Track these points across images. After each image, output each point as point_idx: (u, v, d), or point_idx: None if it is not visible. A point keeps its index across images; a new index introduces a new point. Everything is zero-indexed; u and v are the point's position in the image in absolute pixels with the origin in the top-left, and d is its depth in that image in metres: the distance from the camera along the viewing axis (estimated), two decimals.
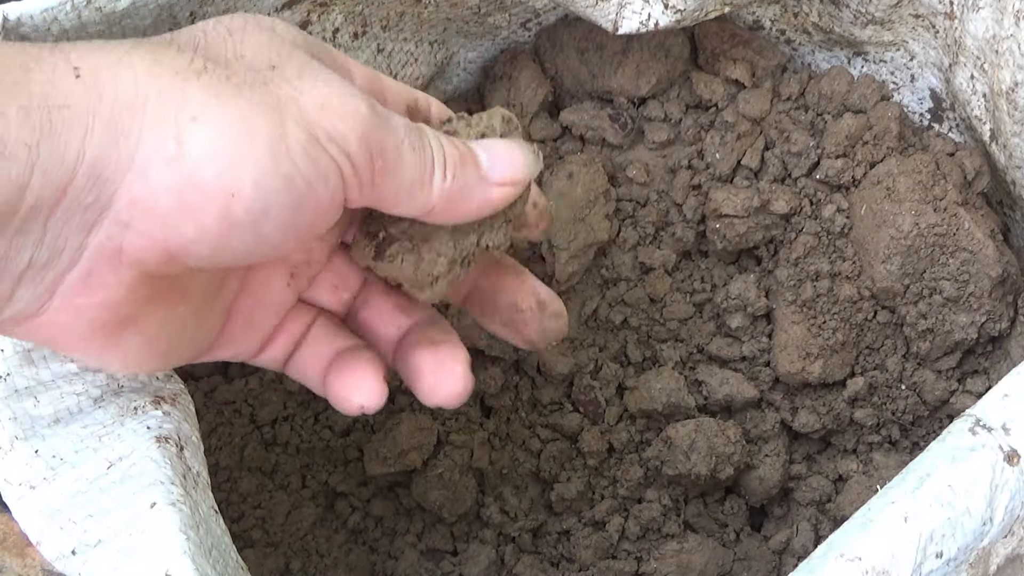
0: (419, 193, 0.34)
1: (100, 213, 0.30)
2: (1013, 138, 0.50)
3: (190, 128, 0.30)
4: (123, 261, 0.31)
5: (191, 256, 0.31)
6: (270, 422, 0.55)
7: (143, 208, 0.30)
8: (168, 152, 0.29)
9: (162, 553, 0.35)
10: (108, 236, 0.30)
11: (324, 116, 0.32)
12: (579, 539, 0.56)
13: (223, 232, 0.31)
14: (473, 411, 0.57)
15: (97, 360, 0.34)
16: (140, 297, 0.32)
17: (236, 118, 0.30)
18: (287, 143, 0.31)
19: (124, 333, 0.33)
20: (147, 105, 0.30)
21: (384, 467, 0.54)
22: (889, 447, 0.57)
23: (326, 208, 0.32)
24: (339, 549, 0.55)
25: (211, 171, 0.30)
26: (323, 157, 0.32)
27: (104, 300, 0.32)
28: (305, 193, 0.31)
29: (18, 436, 0.37)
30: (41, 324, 0.32)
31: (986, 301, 0.53)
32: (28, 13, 0.37)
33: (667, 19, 0.51)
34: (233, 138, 0.30)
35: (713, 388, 0.57)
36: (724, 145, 0.57)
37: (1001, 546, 0.38)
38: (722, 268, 0.59)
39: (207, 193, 0.30)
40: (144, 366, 0.35)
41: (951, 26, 0.52)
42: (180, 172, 0.30)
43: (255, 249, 0.32)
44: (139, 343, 0.34)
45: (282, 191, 0.31)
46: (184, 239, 0.31)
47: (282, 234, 0.32)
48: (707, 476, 0.54)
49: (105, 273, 0.31)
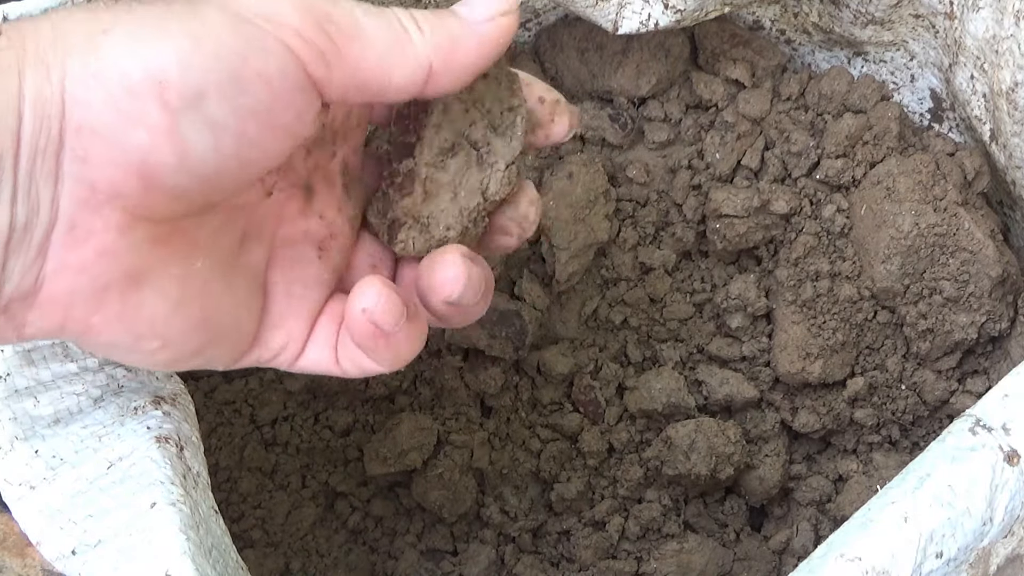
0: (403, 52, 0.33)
1: (57, 155, 0.30)
2: (1013, 138, 0.50)
3: (104, 39, 0.30)
4: (102, 200, 0.31)
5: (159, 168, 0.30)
6: (270, 422, 0.55)
7: (89, 132, 0.30)
8: (90, 67, 0.30)
9: (162, 553, 0.35)
10: (74, 179, 0.30)
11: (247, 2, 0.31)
12: (579, 539, 0.56)
13: (171, 126, 0.30)
14: (473, 411, 0.57)
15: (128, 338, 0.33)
16: (140, 243, 0.32)
17: (148, 19, 0.31)
18: (207, 26, 0.31)
19: (140, 293, 0.32)
20: (66, 39, 0.30)
21: (384, 467, 0.54)
22: (889, 447, 0.57)
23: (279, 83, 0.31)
24: (339, 549, 0.55)
25: (134, 68, 0.30)
26: (254, 31, 0.31)
27: (98, 249, 0.31)
28: (240, 67, 0.31)
29: (18, 436, 0.37)
30: (46, 300, 0.31)
31: (986, 301, 0.53)
32: (28, 12, 0.37)
33: (667, 19, 0.51)
34: (148, 34, 0.30)
35: (713, 388, 0.57)
36: (724, 145, 0.57)
37: (1001, 546, 0.38)
38: (722, 268, 0.59)
39: (138, 91, 0.30)
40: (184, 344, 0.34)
41: (951, 26, 0.52)
42: (106, 80, 0.30)
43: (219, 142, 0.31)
44: (165, 308, 0.33)
45: (212, 68, 0.30)
46: (140, 148, 0.30)
47: (237, 117, 0.31)
48: (707, 476, 0.54)
49: (88, 219, 0.31)
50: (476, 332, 0.55)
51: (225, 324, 0.35)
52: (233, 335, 0.35)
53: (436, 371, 0.56)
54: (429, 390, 0.56)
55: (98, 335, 0.32)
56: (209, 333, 0.34)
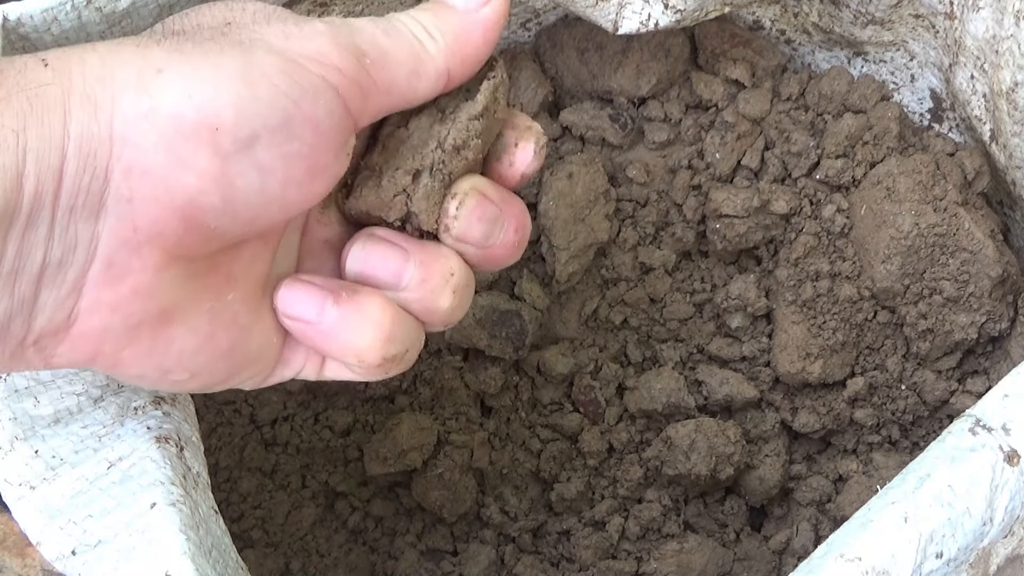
0: (425, 68, 0.34)
1: (101, 194, 0.30)
2: (1013, 138, 0.50)
3: (158, 79, 0.30)
4: (141, 240, 0.30)
5: (203, 211, 0.31)
6: (270, 422, 0.55)
7: (138, 173, 0.30)
8: (143, 108, 0.30)
9: (162, 553, 0.35)
10: (117, 218, 0.30)
11: (291, 43, 0.32)
12: (579, 539, 0.56)
13: (221, 170, 0.30)
14: (473, 411, 0.57)
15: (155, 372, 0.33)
16: (174, 281, 0.32)
17: (201, 61, 0.30)
18: (260, 68, 0.31)
19: (171, 329, 0.32)
20: (114, 75, 0.30)
21: (384, 467, 0.54)
22: (889, 447, 0.57)
23: (327, 126, 0.32)
24: (339, 549, 0.55)
25: (188, 111, 0.30)
26: (304, 74, 0.31)
27: (133, 288, 0.31)
28: (292, 112, 0.31)
29: (18, 436, 0.37)
30: (78, 336, 0.31)
31: (986, 301, 0.53)
32: (28, 13, 0.37)
33: (667, 19, 0.51)
34: (203, 76, 0.30)
35: (713, 388, 0.57)
36: (724, 145, 0.57)
37: (1001, 546, 0.38)
38: (722, 268, 0.59)
39: (191, 134, 0.30)
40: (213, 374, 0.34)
41: (951, 26, 0.52)
42: (159, 122, 0.30)
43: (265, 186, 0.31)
44: (194, 343, 0.33)
45: (265, 113, 0.30)
46: (187, 191, 0.30)
47: (284, 162, 0.31)
48: (707, 476, 0.54)
49: (126, 259, 0.31)
50: (476, 332, 0.55)
51: (252, 352, 0.35)
52: (260, 361, 0.35)
53: (436, 371, 0.56)
54: (429, 390, 0.56)
55: (127, 368, 0.33)
56: (237, 362, 0.34)
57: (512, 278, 0.57)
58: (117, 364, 0.32)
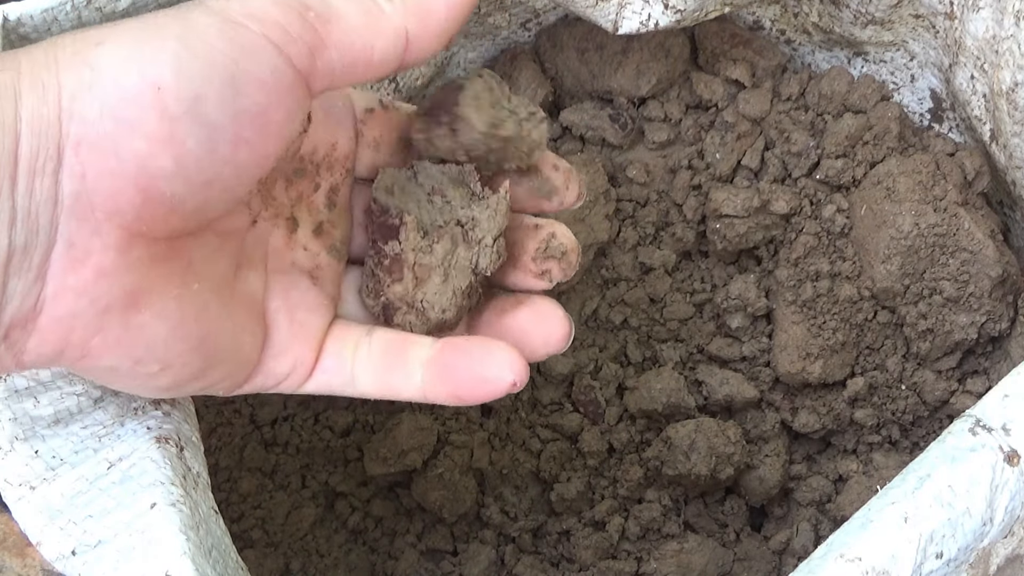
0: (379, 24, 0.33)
1: (56, 174, 0.30)
2: (1013, 138, 0.50)
3: (98, 51, 0.30)
4: (100, 218, 0.31)
5: (157, 177, 0.31)
6: (270, 422, 0.55)
7: (88, 145, 0.30)
8: (86, 79, 0.30)
9: (162, 553, 0.35)
10: (73, 197, 0.30)
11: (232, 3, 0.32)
12: (579, 539, 0.56)
13: (169, 132, 0.30)
14: (473, 411, 0.57)
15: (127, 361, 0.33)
16: (138, 263, 0.32)
17: (139, 31, 0.31)
18: (197, 30, 0.31)
19: (140, 315, 0.32)
20: (58, 57, 0.30)
21: (384, 467, 0.54)
22: (889, 447, 0.57)
23: (272, 84, 0.32)
24: (339, 549, 0.55)
25: (129, 76, 0.30)
26: (243, 32, 0.31)
27: (97, 269, 0.31)
28: (234, 70, 0.31)
29: (18, 436, 0.37)
30: (46, 324, 0.31)
31: (986, 301, 0.53)
32: (28, 13, 0.37)
33: (667, 19, 0.51)
34: (141, 45, 0.30)
35: (713, 388, 0.57)
36: (724, 145, 0.57)
37: (1001, 546, 0.38)
38: (722, 268, 0.59)
39: (134, 98, 0.30)
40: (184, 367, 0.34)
41: (951, 26, 0.52)
42: (103, 91, 0.30)
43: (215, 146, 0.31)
44: (164, 330, 0.33)
45: (206, 72, 0.31)
46: (138, 156, 0.30)
47: (233, 120, 0.31)
48: (707, 476, 0.54)
49: (88, 239, 0.31)
50: None
51: (224, 347, 0.35)
52: (234, 359, 0.35)
53: None
54: None
55: (98, 359, 0.32)
56: (208, 356, 0.34)
57: None
58: (87, 355, 0.32)
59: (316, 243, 0.39)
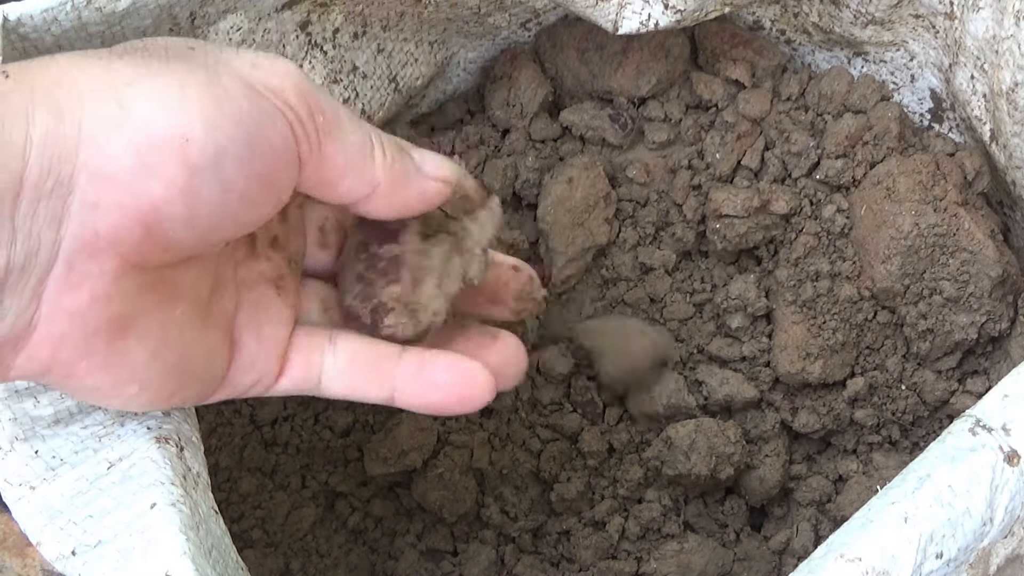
0: (363, 165, 0.35)
1: (65, 200, 0.30)
2: (1013, 138, 0.50)
3: (127, 92, 0.31)
4: (102, 246, 0.31)
5: (166, 220, 0.31)
6: (270, 422, 0.55)
7: (105, 178, 0.30)
8: (113, 115, 0.30)
9: (162, 554, 0.35)
10: (80, 223, 0.30)
11: (257, 73, 0.33)
12: (579, 539, 0.56)
13: (187, 182, 0.31)
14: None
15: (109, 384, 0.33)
16: (130, 290, 0.32)
17: (169, 78, 0.31)
18: (226, 89, 0.32)
19: (125, 340, 0.33)
20: (79, 83, 0.31)
21: (384, 467, 0.54)
22: (889, 447, 0.57)
23: (281, 153, 0.33)
24: (339, 549, 0.55)
25: (159, 122, 0.31)
26: (264, 102, 0.33)
27: (92, 294, 0.31)
28: (255, 132, 0.32)
29: (18, 437, 0.37)
30: (37, 344, 0.31)
31: (986, 301, 0.53)
32: (28, 13, 0.37)
33: (667, 19, 0.51)
34: (172, 91, 0.31)
35: (713, 388, 0.57)
36: (724, 145, 0.57)
37: (1001, 546, 0.38)
38: (722, 268, 0.59)
39: (161, 144, 0.30)
40: (163, 390, 0.35)
41: (951, 26, 0.52)
42: (130, 130, 0.30)
43: (225, 201, 0.32)
44: (145, 355, 0.33)
45: (231, 130, 0.32)
46: (153, 200, 0.31)
47: (245, 179, 0.32)
48: (707, 476, 0.54)
49: (86, 264, 0.31)
50: None
51: (198, 369, 0.36)
52: (205, 379, 0.36)
53: None
54: None
55: (81, 380, 0.33)
56: (183, 378, 0.35)
57: None
58: (72, 375, 0.33)
59: (275, 254, 0.39)
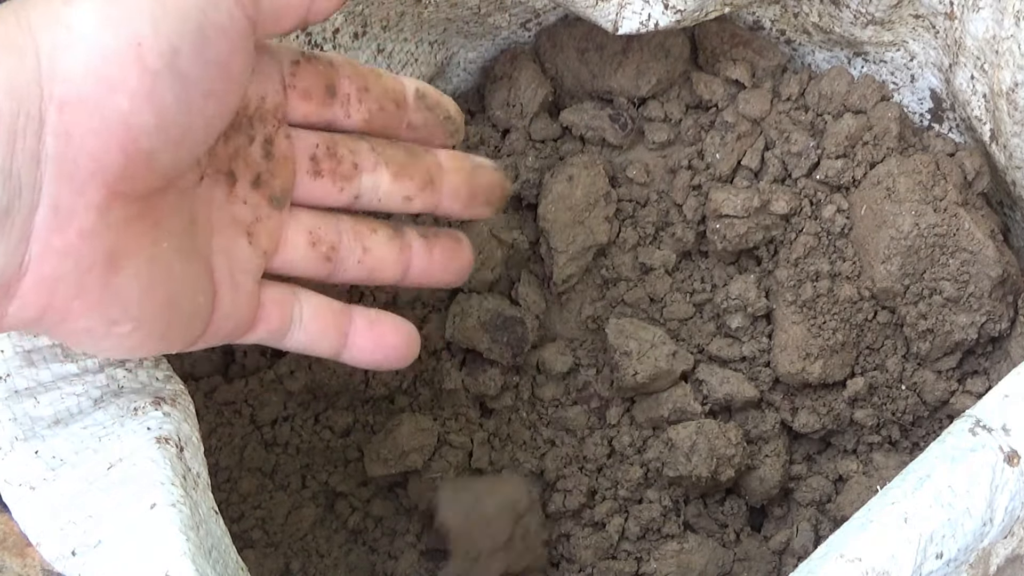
0: None
1: (39, 135, 0.30)
2: (1013, 138, 0.50)
3: (71, 11, 0.31)
4: (84, 178, 0.31)
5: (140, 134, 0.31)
6: (270, 422, 0.55)
7: (73, 105, 0.30)
8: (63, 40, 0.30)
9: (162, 554, 0.35)
10: (58, 156, 0.31)
11: None
12: (579, 540, 0.56)
13: (151, 86, 0.31)
14: (472, 411, 0.57)
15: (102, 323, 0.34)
16: (117, 222, 0.32)
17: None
18: None
19: (117, 276, 0.33)
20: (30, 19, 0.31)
21: (385, 468, 0.54)
22: (889, 447, 0.57)
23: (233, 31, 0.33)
24: (339, 549, 0.55)
25: (108, 34, 0.31)
26: None
27: (80, 230, 0.31)
28: (203, 20, 0.32)
29: (18, 437, 0.37)
30: (30, 287, 0.31)
31: (986, 301, 0.53)
32: None
33: (667, 19, 0.51)
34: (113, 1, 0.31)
35: (713, 388, 0.57)
36: (724, 145, 0.57)
37: (1001, 547, 0.38)
38: (722, 268, 0.59)
39: (116, 55, 0.31)
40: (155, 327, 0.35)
41: (951, 26, 0.52)
42: (84, 51, 0.30)
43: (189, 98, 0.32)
44: (137, 291, 0.34)
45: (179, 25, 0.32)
46: (121, 113, 0.31)
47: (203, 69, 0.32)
48: (708, 478, 0.54)
49: (71, 199, 0.31)
50: (478, 334, 0.55)
51: (186, 307, 0.36)
52: (192, 318, 0.37)
53: (435, 372, 0.56)
54: (429, 390, 0.56)
55: (75, 322, 0.33)
56: (173, 316, 0.36)
57: (512, 278, 0.57)
58: (65, 318, 0.33)
59: (255, 195, 0.40)
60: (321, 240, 0.42)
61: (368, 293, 0.55)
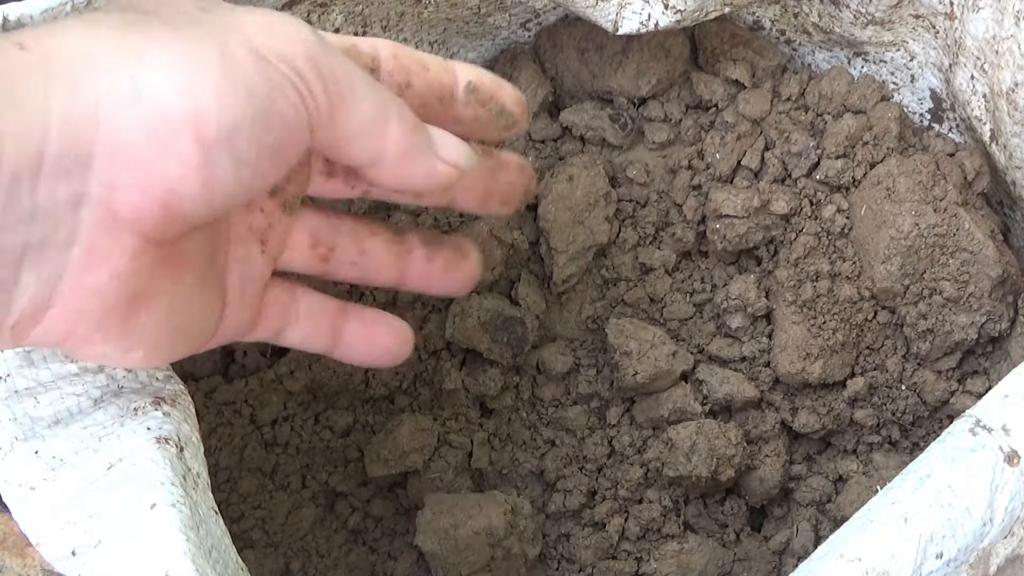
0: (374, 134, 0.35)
1: (84, 179, 0.30)
2: (1013, 138, 0.50)
3: (140, 68, 0.30)
4: (121, 226, 0.31)
5: (183, 199, 0.31)
6: (270, 422, 0.55)
7: (122, 158, 0.30)
8: (126, 93, 0.30)
9: (162, 554, 0.35)
10: (99, 202, 0.31)
11: (268, 39, 0.32)
12: (579, 540, 0.56)
13: (203, 158, 0.31)
14: (472, 411, 0.57)
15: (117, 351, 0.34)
16: (146, 266, 0.32)
17: (181, 51, 0.31)
18: (237, 61, 0.31)
19: (138, 313, 0.33)
20: (94, 57, 0.30)
21: (385, 468, 0.54)
22: (889, 447, 0.57)
23: (292, 124, 0.33)
24: (339, 549, 0.55)
25: (172, 99, 0.30)
26: (274, 72, 0.32)
27: (111, 272, 0.32)
28: (267, 106, 0.32)
29: (18, 437, 0.37)
30: (55, 316, 0.32)
31: (986, 301, 0.53)
32: (28, 13, 0.37)
33: (667, 19, 0.51)
34: (184, 66, 0.31)
35: (713, 388, 0.57)
36: (724, 145, 0.57)
37: (1001, 547, 0.38)
38: (722, 268, 0.59)
39: (175, 121, 0.30)
40: (163, 351, 0.36)
41: (951, 26, 0.52)
42: (144, 109, 0.30)
43: (239, 174, 0.32)
44: (154, 323, 0.34)
45: (244, 104, 0.31)
46: (169, 179, 0.31)
47: (258, 152, 0.32)
48: (708, 478, 0.54)
49: (107, 243, 0.31)
50: (478, 334, 0.55)
51: (196, 329, 0.37)
52: (202, 335, 0.38)
53: (435, 371, 0.56)
54: (429, 390, 0.56)
55: (93, 348, 0.34)
56: (184, 337, 0.37)
57: (512, 278, 0.57)
58: (86, 345, 0.33)
59: (271, 203, 0.40)
60: (321, 242, 0.42)
61: (368, 292, 0.55)
